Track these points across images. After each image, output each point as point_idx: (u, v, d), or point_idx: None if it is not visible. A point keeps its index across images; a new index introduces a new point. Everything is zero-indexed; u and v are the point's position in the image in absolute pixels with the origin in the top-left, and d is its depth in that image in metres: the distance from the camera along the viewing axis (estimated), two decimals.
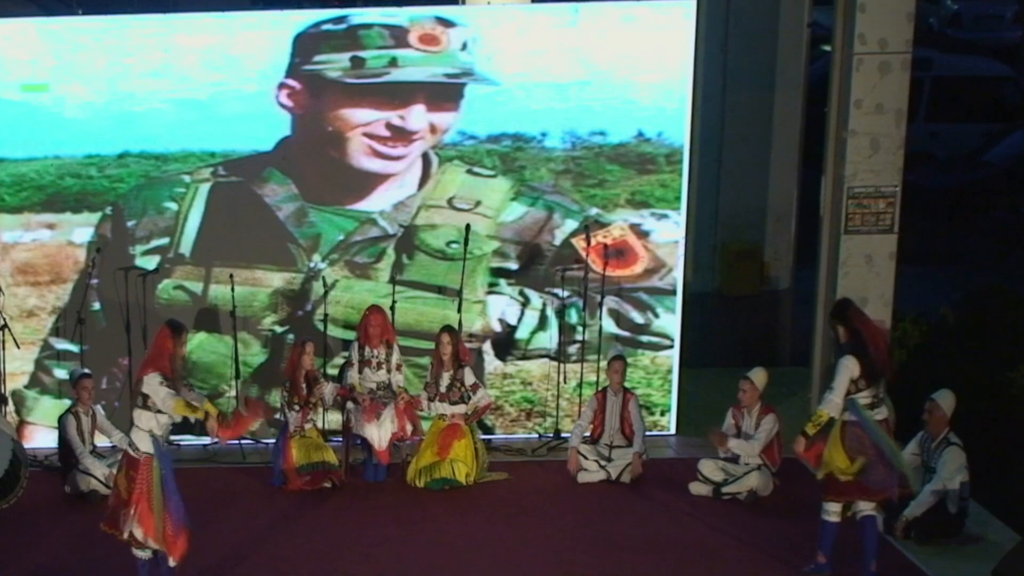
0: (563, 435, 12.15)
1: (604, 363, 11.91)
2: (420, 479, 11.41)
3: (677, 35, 11.82)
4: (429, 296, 12.15)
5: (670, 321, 12.29)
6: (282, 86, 11.78)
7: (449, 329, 11.60)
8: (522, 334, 12.28)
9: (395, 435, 11.50)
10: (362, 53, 11.72)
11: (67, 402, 11.61)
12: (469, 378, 11.54)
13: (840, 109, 11.95)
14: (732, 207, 13.85)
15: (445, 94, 11.81)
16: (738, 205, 13.85)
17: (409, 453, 11.63)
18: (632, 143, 12.03)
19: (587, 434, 11.66)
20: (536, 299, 12.23)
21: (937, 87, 21.00)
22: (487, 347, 12.26)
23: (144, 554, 9.26)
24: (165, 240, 12.03)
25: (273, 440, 11.73)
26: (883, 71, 11.72)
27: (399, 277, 12.07)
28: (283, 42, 11.70)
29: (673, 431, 12.44)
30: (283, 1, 13.16)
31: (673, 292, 12.25)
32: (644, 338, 12.31)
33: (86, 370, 11.50)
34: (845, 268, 12.04)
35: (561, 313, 12.23)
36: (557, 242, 12.15)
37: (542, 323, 12.26)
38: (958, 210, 18.89)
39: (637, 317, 12.27)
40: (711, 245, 13.90)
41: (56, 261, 12.05)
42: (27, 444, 11.46)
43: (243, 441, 11.94)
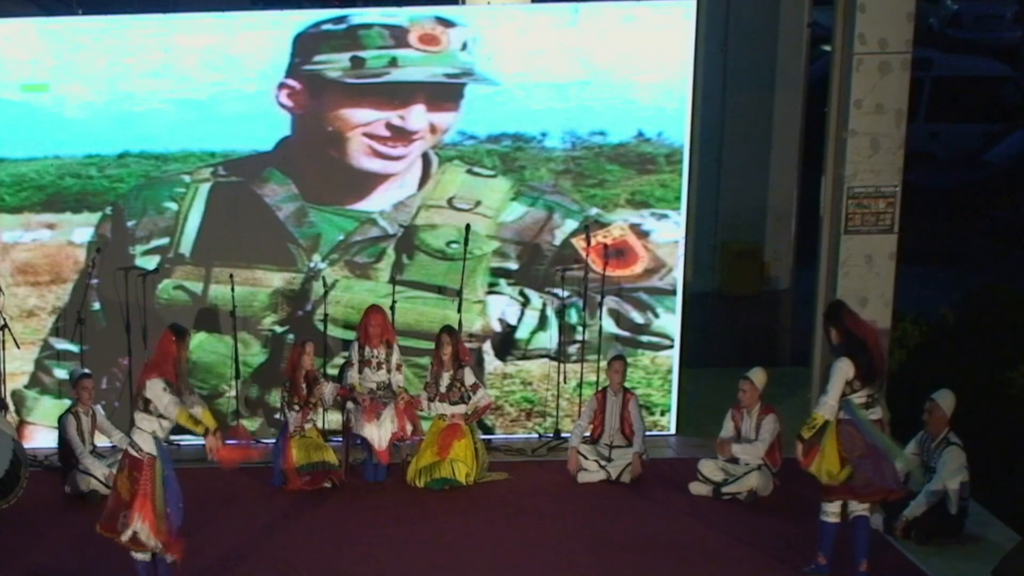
0: (563, 435, 12.15)
1: (604, 363, 11.91)
2: (420, 479, 11.41)
3: (677, 35, 11.82)
4: (429, 296, 12.15)
5: (670, 321, 12.28)
6: (282, 86, 11.78)
7: (449, 329, 11.60)
8: (522, 334, 12.28)
9: (395, 435, 11.50)
10: (362, 53, 11.72)
11: (67, 402, 11.61)
12: (469, 378, 11.53)
13: (840, 109, 11.95)
14: (732, 207, 13.84)
15: (445, 94, 11.81)
16: (738, 205, 13.85)
17: (409, 453, 11.63)
18: (632, 143, 12.02)
19: (587, 434, 11.66)
20: (536, 299, 12.23)
21: (937, 87, 21.01)
22: (487, 347, 12.27)
23: (143, 556, 9.25)
24: (165, 240, 12.03)
25: (273, 440, 11.74)
26: (883, 71, 11.72)
27: (399, 277, 12.06)
28: (283, 42, 11.70)
29: (673, 431, 12.44)
30: (283, 1, 13.16)
31: (673, 292, 12.25)
32: (644, 338, 12.31)
33: (86, 370, 11.51)
34: (845, 268, 12.03)
35: (561, 313, 12.22)
36: (557, 242, 12.15)
37: (542, 323, 12.26)
38: (958, 210, 18.89)
39: (637, 317, 12.27)
40: (711, 245, 13.89)
41: (56, 261, 12.05)
42: (27, 444, 11.47)
43: (242, 442, 11.97)
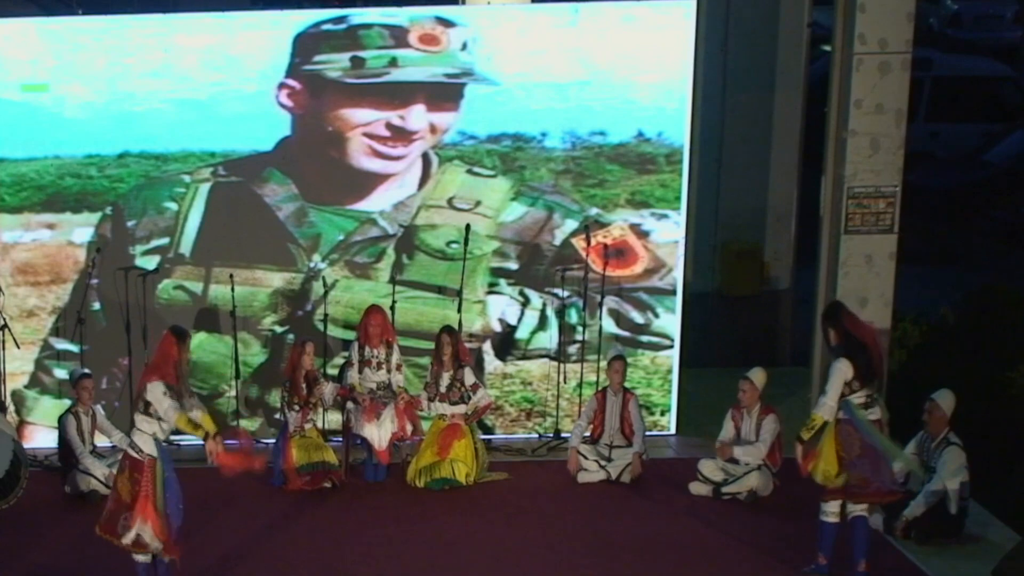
0: (563, 435, 12.15)
1: (604, 363, 11.91)
2: (420, 479, 11.41)
3: (677, 35, 11.81)
4: (429, 296, 12.15)
5: (670, 321, 12.28)
6: (282, 86, 11.78)
7: (449, 329, 11.60)
8: (522, 334, 12.28)
9: (395, 435, 11.50)
10: (362, 53, 11.71)
11: (67, 402, 11.61)
12: (469, 378, 11.53)
13: (840, 109, 11.95)
14: (732, 207, 13.84)
15: (445, 94, 11.81)
16: (738, 205, 13.84)
17: (409, 453, 11.63)
18: (632, 143, 12.02)
19: (587, 434, 11.66)
20: (536, 299, 12.23)
21: (937, 87, 21.01)
22: (487, 347, 12.26)
23: (144, 557, 9.25)
24: (165, 240, 12.03)
25: (273, 440, 11.74)
26: (883, 71, 11.72)
27: (399, 277, 12.06)
28: (283, 42, 11.70)
29: (673, 431, 12.44)
30: (283, 1, 13.16)
31: (673, 292, 12.25)
32: (644, 338, 12.31)
33: (86, 370, 11.50)
34: (845, 268, 12.03)
35: (561, 313, 12.22)
36: (557, 242, 12.15)
37: (542, 323, 12.26)
38: (958, 210, 18.88)
39: (637, 317, 12.27)
40: (711, 245, 13.89)
41: (56, 261, 12.05)
42: (27, 444, 11.46)
43: (241, 442, 11.96)
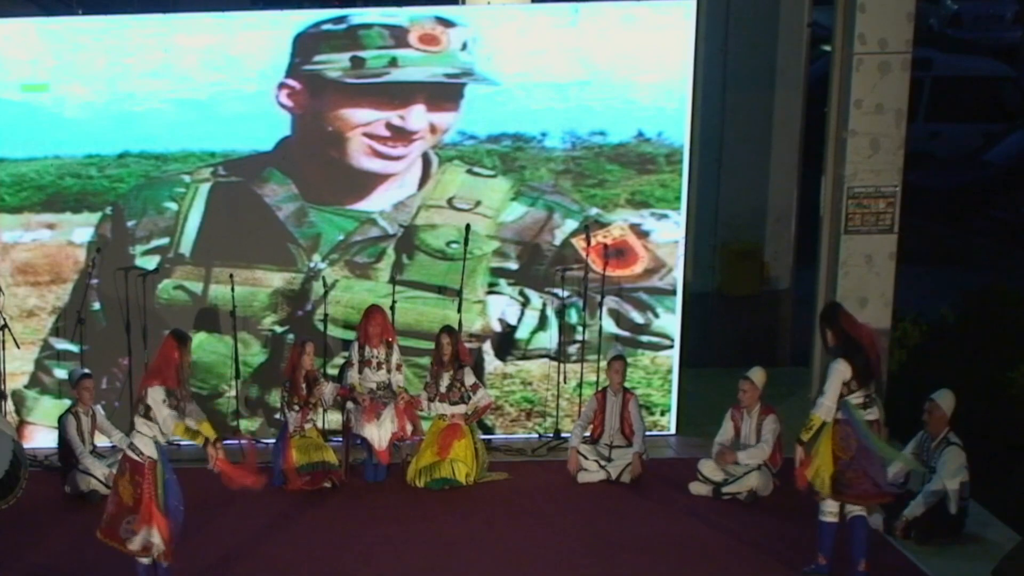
0: (563, 435, 12.15)
1: (604, 363, 11.91)
2: (420, 479, 11.41)
3: (677, 35, 11.81)
4: (429, 296, 12.15)
5: (670, 321, 12.28)
6: (282, 86, 11.78)
7: (449, 329, 11.60)
8: (522, 334, 12.28)
9: (395, 435, 11.50)
10: (362, 53, 11.71)
11: (67, 402, 11.61)
12: (469, 378, 11.53)
13: (840, 109, 11.96)
14: (732, 207, 13.84)
15: (445, 94, 11.81)
16: (738, 205, 13.84)
17: (409, 453, 11.63)
18: (632, 143, 12.02)
19: (587, 434, 11.66)
20: (536, 299, 12.23)
21: (937, 87, 21.00)
22: (487, 347, 12.26)
23: (147, 560, 9.24)
24: (165, 240, 12.03)
25: (273, 440, 11.74)
26: (883, 71, 11.72)
27: (399, 277, 12.06)
28: (283, 42, 11.70)
29: (673, 431, 12.44)
30: (283, 1, 13.16)
31: (673, 292, 12.25)
32: (644, 338, 12.31)
33: (86, 370, 11.50)
34: (845, 268, 12.04)
35: (561, 313, 12.22)
36: (557, 242, 12.15)
37: (542, 323, 12.26)
38: (958, 210, 18.88)
39: (637, 317, 12.27)
40: (711, 245, 13.88)
41: (56, 261, 12.05)
42: (27, 444, 11.46)
43: (242, 441, 11.96)
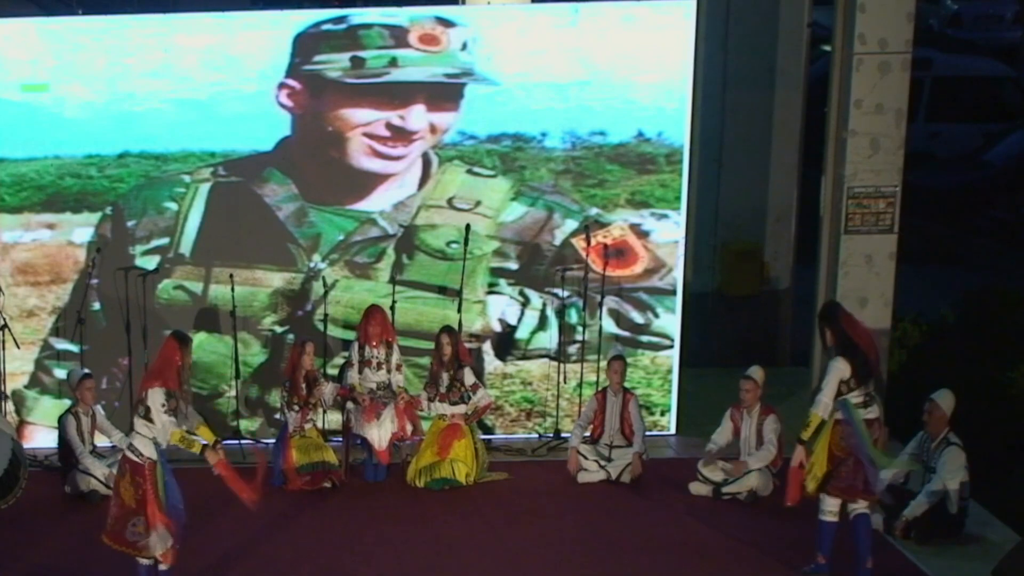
0: (563, 435, 12.15)
1: (604, 363, 11.91)
2: (420, 479, 11.41)
3: (677, 35, 11.82)
4: (429, 296, 12.15)
5: (670, 321, 12.28)
6: (282, 86, 11.78)
7: (449, 329, 11.60)
8: (522, 334, 12.28)
9: (395, 435, 11.50)
10: (362, 53, 11.71)
11: (67, 402, 11.61)
12: (469, 378, 11.53)
13: (840, 109, 11.95)
14: (732, 207, 13.84)
15: (445, 94, 11.81)
16: (738, 205, 13.84)
17: (409, 453, 11.63)
18: (632, 143, 12.02)
19: (587, 434, 11.66)
20: (536, 299, 12.23)
21: (937, 87, 20.99)
22: (487, 347, 12.26)
23: (147, 560, 9.23)
24: (165, 240, 12.03)
25: (273, 440, 11.74)
26: (883, 71, 11.71)
27: (399, 277, 12.06)
28: (283, 42, 11.70)
29: (673, 431, 12.44)
30: (283, 1, 13.16)
31: (673, 292, 12.25)
32: (644, 338, 12.31)
33: (87, 370, 11.49)
34: (845, 268, 12.03)
35: (561, 313, 12.22)
36: (557, 242, 12.15)
37: (542, 323, 12.26)
38: (958, 210, 18.88)
39: (637, 317, 12.27)
40: (711, 245, 13.88)
41: (56, 261, 12.05)
42: (27, 444, 11.48)
43: (243, 441, 11.97)
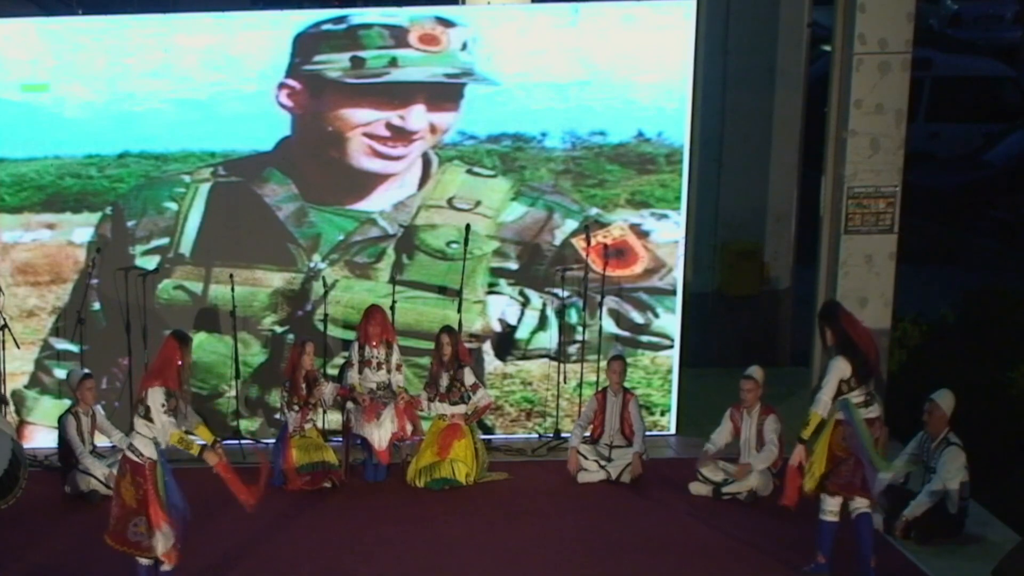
0: (563, 435, 12.15)
1: (604, 363, 11.91)
2: (420, 479, 11.41)
3: (677, 35, 11.82)
4: (429, 296, 12.15)
5: (670, 321, 12.29)
6: (282, 86, 11.78)
7: (449, 329, 11.59)
8: (522, 334, 12.28)
9: (395, 435, 11.50)
10: (362, 53, 11.72)
11: (67, 402, 11.61)
12: (469, 378, 11.53)
13: (840, 109, 11.95)
14: (732, 207, 13.84)
15: (445, 94, 11.81)
16: (738, 205, 13.84)
17: (409, 453, 11.63)
18: (632, 143, 12.03)
19: (587, 434, 11.66)
20: (536, 299, 12.23)
21: (937, 87, 20.99)
22: (487, 347, 12.26)
23: (147, 561, 9.22)
24: (165, 240, 12.03)
25: (273, 440, 11.74)
26: (883, 71, 11.71)
27: (399, 277, 12.06)
28: (283, 42, 11.70)
29: (673, 431, 12.44)
30: (283, 1, 13.16)
31: (673, 292, 12.25)
32: (644, 338, 12.31)
33: (87, 370, 11.49)
34: (845, 268, 12.03)
35: (561, 313, 12.22)
36: (557, 242, 12.15)
37: (542, 323, 12.26)
38: (958, 210, 18.88)
39: (637, 317, 12.27)
40: (711, 245, 13.88)
41: (56, 261, 12.05)
42: (27, 444, 11.48)
43: (243, 441, 11.98)
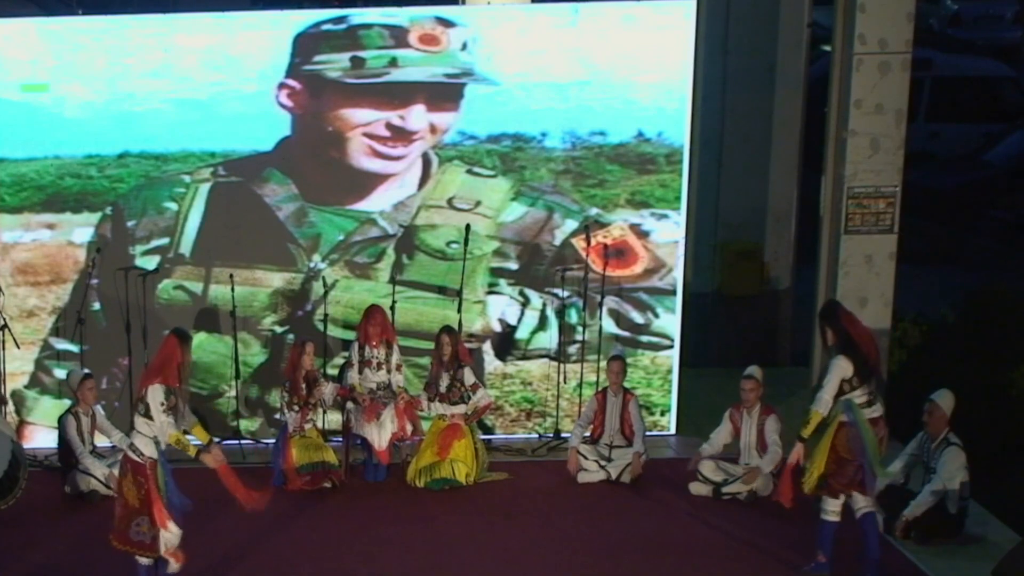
0: (563, 435, 12.15)
1: (604, 363, 11.91)
2: (420, 479, 11.41)
3: (677, 35, 11.82)
4: (429, 296, 12.15)
5: (670, 321, 12.28)
6: (282, 86, 11.78)
7: (449, 330, 11.60)
8: (522, 334, 12.28)
9: (395, 435, 11.50)
10: (362, 53, 11.72)
11: (67, 402, 11.61)
12: (469, 378, 11.53)
13: (840, 109, 11.96)
14: (732, 207, 13.84)
15: (445, 94, 11.81)
16: (738, 205, 13.84)
17: (409, 453, 11.63)
18: (632, 143, 12.03)
19: (587, 434, 11.66)
20: (536, 299, 12.23)
21: (937, 87, 20.99)
22: (487, 347, 12.26)
23: (148, 561, 9.23)
24: (165, 240, 12.03)
25: (273, 440, 11.74)
26: (883, 71, 11.72)
27: (399, 277, 12.06)
28: (283, 42, 11.70)
29: (673, 431, 12.44)
30: (283, 1, 13.16)
31: (673, 292, 12.25)
32: (644, 338, 12.31)
33: (87, 371, 11.49)
34: (845, 268, 12.04)
35: (561, 313, 12.22)
36: (557, 242, 12.15)
37: (542, 323, 12.26)
38: (958, 210, 18.87)
39: (637, 317, 12.27)
40: (711, 245, 13.88)
41: (56, 261, 12.05)
42: (27, 444, 11.50)
43: (243, 441, 11.98)
